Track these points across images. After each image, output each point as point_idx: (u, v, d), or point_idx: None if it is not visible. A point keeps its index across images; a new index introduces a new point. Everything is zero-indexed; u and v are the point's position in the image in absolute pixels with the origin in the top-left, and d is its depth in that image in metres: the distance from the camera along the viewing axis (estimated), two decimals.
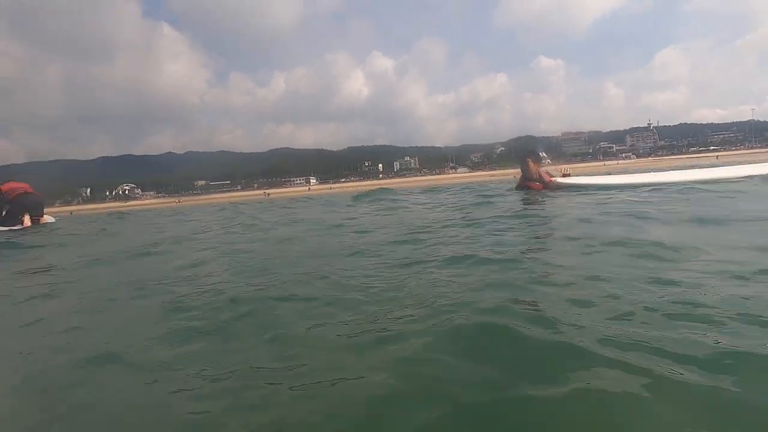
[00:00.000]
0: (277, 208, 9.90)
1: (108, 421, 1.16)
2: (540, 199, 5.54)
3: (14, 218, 7.11)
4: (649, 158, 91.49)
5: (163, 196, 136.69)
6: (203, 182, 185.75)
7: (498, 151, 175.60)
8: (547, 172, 6.04)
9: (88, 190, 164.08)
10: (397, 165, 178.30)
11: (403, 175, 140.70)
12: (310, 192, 53.47)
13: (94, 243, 5.83)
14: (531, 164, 5.97)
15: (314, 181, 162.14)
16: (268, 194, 60.99)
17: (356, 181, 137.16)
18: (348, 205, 8.48)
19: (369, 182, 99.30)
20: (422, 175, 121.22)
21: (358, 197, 9.79)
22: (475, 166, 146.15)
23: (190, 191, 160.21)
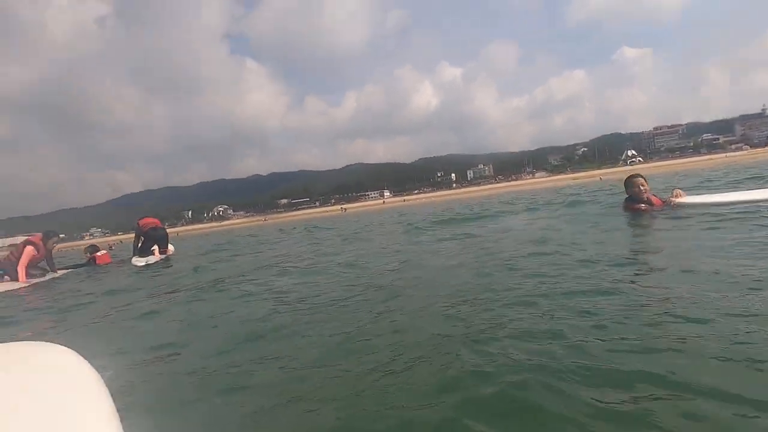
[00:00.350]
0: (409, 231, 7.64)
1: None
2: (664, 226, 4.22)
3: (146, 250, 8.25)
4: (767, 148, 79.05)
5: (252, 215, 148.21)
6: (285, 201, 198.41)
7: (580, 151, 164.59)
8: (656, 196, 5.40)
9: (190, 213, 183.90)
10: (470, 173, 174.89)
11: (477, 183, 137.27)
12: (384, 205, 54.55)
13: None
14: (640, 185, 5.39)
15: (388, 194, 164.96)
16: (345, 209, 63.31)
17: (429, 192, 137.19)
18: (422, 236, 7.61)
19: (442, 193, 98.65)
20: (497, 182, 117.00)
21: (438, 222, 8.42)
22: (554, 170, 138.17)
23: (274, 209, 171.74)
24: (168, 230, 9.06)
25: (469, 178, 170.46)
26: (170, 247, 8.92)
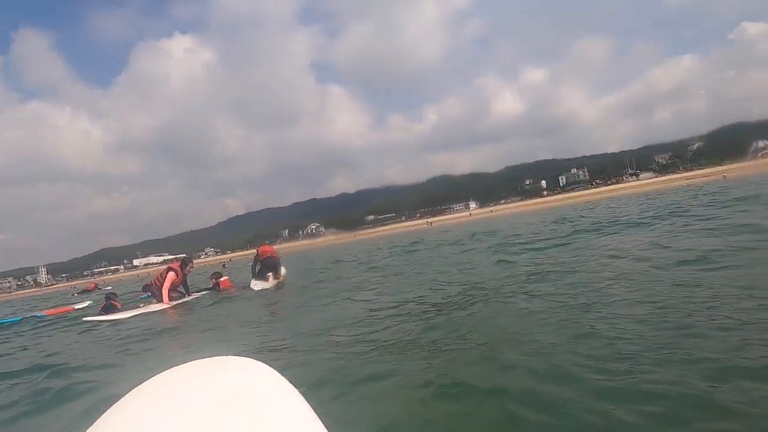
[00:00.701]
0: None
1: None
2: None
3: (263, 276, 9.24)
4: None
5: (341, 232, 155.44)
6: (372, 217, 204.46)
7: (694, 147, 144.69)
8: None
9: (286, 231, 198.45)
10: (563, 179, 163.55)
11: (572, 189, 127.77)
12: (471, 217, 53.49)
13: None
14: None
15: (473, 205, 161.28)
16: (431, 223, 63.37)
17: (517, 201, 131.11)
18: None
19: (532, 201, 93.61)
20: (594, 188, 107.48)
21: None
22: (662, 169, 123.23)
23: (362, 225, 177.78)
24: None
25: (561, 184, 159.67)
26: (282, 271, 9.74)
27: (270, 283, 9.03)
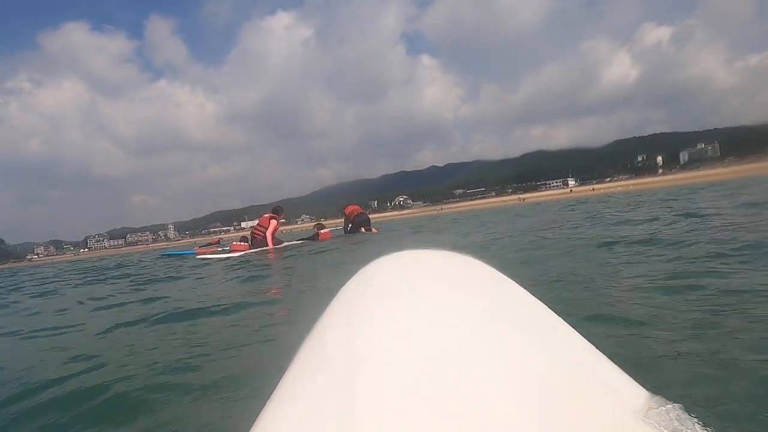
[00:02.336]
0: None
1: None
2: None
3: (356, 231, 10.06)
4: None
5: (428, 205, 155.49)
6: (460, 191, 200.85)
7: None
8: None
9: (375, 202, 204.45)
10: (684, 156, 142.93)
11: (695, 168, 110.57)
12: (572, 194, 49.61)
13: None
14: None
15: (572, 182, 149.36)
16: (523, 199, 60.29)
17: (625, 179, 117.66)
18: None
19: (643, 180, 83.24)
20: (724, 166, 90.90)
21: None
22: None
23: (450, 199, 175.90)
24: None
25: (682, 162, 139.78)
26: (373, 230, 10.39)
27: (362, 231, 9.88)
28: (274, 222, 8.61)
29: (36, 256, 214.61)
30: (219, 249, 9.27)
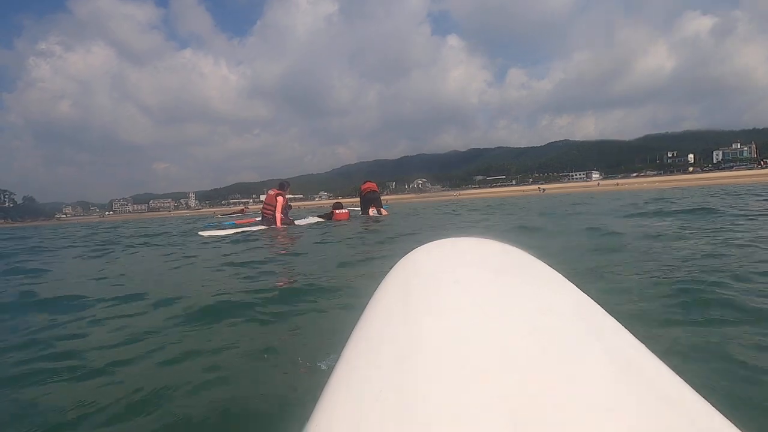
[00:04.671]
0: None
1: None
2: None
3: (365, 209, 9.72)
4: None
5: (447, 190, 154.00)
6: (480, 177, 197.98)
7: None
8: None
9: (393, 183, 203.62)
10: (718, 155, 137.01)
11: (729, 168, 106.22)
12: (599, 187, 48.28)
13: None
14: None
15: (597, 175, 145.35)
16: (544, 190, 59.09)
17: (652, 175, 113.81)
18: None
19: (671, 177, 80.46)
20: (761, 167, 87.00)
21: None
22: None
23: (469, 185, 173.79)
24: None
25: (715, 161, 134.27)
26: (383, 211, 9.86)
27: (369, 213, 9.47)
28: (281, 199, 8.16)
29: (64, 216, 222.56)
30: (257, 219, 8.89)
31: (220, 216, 9.98)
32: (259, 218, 8.54)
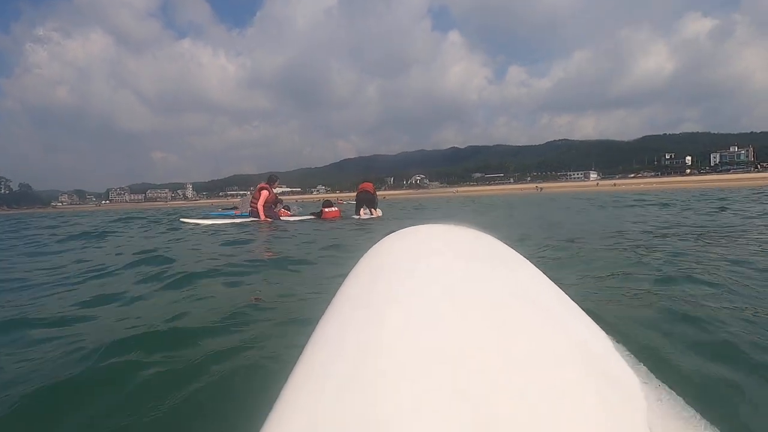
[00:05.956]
0: None
1: None
2: None
3: (356, 210, 9.46)
4: None
5: (445, 186, 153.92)
6: (479, 174, 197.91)
7: None
8: None
9: (392, 179, 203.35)
10: (715, 158, 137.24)
11: (726, 171, 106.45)
12: (599, 187, 48.29)
13: None
14: None
15: (594, 175, 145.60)
16: (541, 189, 59.18)
17: (650, 176, 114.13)
18: None
19: (668, 179, 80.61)
20: (759, 171, 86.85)
21: None
22: None
23: (468, 182, 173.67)
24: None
25: (712, 164, 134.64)
26: (378, 211, 9.48)
27: (360, 215, 9.24)
28: (264, 192, 8.23)
29: (60, 204, 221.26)
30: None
31: (221, 210, 9.92)
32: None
